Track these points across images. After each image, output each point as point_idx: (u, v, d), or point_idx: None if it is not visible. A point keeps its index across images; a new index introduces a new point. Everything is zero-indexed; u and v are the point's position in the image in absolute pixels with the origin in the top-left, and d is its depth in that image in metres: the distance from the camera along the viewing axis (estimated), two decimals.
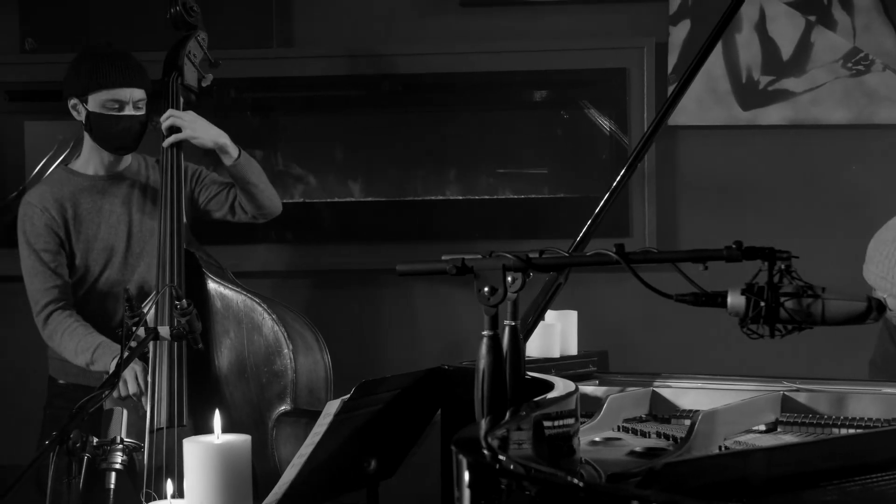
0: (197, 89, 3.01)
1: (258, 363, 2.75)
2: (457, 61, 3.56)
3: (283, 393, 2.73)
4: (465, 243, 3.54)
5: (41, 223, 2.88)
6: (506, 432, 1.36)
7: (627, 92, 3.50)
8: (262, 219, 3.04)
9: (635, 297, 3.42)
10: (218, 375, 2.78)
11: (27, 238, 2.89)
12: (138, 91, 2.88)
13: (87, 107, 2.86)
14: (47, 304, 2.86)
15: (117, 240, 2.93)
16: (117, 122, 2.86)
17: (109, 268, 2.93)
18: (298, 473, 1.85)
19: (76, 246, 2.91)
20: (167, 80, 2.96)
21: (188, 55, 2.98)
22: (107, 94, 2.85)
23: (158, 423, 2.69)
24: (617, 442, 1.96)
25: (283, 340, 2.74)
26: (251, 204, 2.97)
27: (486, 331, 1.61)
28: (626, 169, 2.35)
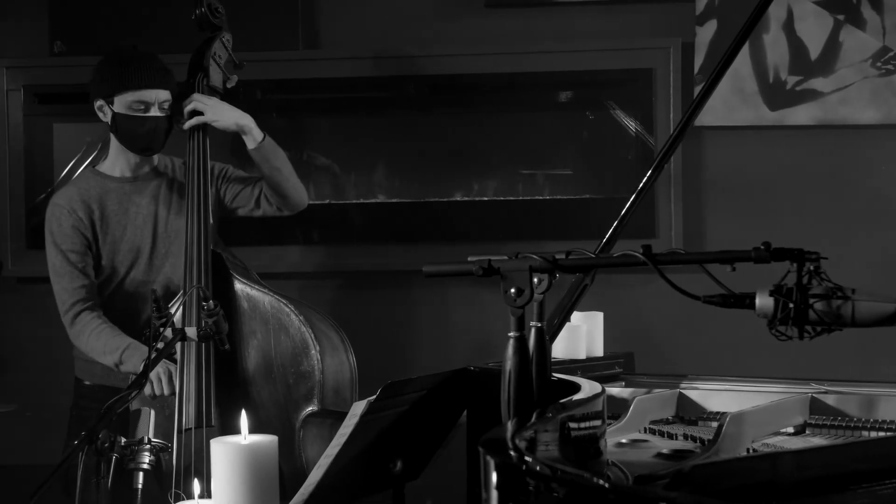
0: (222, 90, 3.01)
1: (285, 364, 2.76)
2: (482, 62, 3.56)
3: (310, 394, 2.73)
4: (490, 244, 3.53)
5: (68, 224, 2.90)
6: (533, 434, 1.36)
7: (653, 92, 3.48)
8: (289, 211, 3.03)
9: (662, 299, 3.41)
10: (245, 376, 2.78)
11: (54, 239, 2.91)
12: (164, 92, 2.89)
13: (113, 108, 2.88)
14: (74, 304, 2.88)
15: (143, 241, 2.95)
16: (143, 124, 2.88)
17: (135, 268, 2.94)
18: (324, 474, 1.86)
19: (102, 247, 2.93)
20: (192, 81, 2.97)
21: (213, 56, 2.98)
22: (133, 95, 2.86)
23: (186, 423, 2.70)
24: (644, 444, 1.96)
25: (310, 341, 2.74)
26: (276, 193, 2.96)
27: (513, 332, 1.61)
28: (653, 170, 2.34)
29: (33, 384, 3.65)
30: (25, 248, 3.67)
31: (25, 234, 3.68)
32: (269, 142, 2.92)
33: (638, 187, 2.35)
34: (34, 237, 3.65)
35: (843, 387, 2.15)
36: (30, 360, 3.72)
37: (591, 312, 2.61)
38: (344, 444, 1.84)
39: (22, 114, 3.68)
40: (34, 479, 1.96)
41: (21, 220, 3.69)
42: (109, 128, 2.93)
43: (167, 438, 2.71)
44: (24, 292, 3.72)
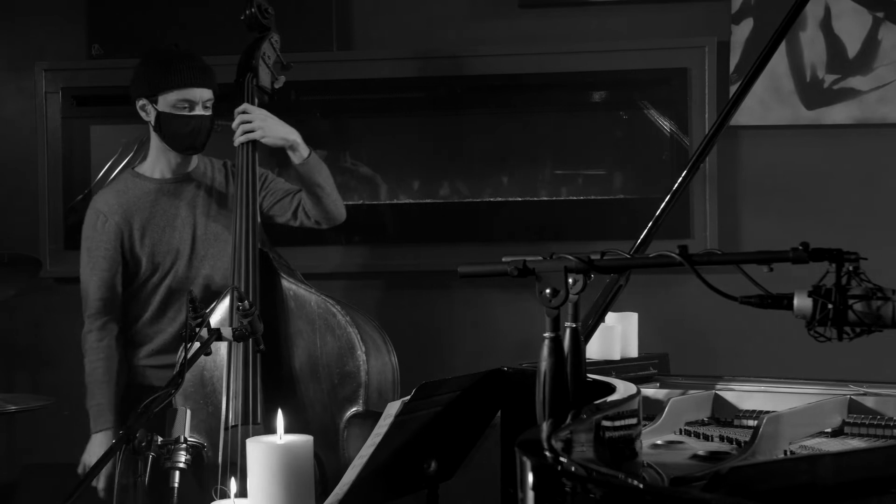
0: (270, 91, 3.01)
1: (330, 364, 2.77)
2: (515, 63, 3.55)
3: (354, 394, 2.74)
4: (523, 245, 3.52)
5: (103, 230, 2.92)
6: (569, 435, 1.35)
7: (688, 92, 3.46)
8: (326, 224, 3.04)
9: (696, 299, 3.40)
10: (291, 375, 2.79)
11: (87, 244, 2.94)
12: (207, 91, 2.90)
13: (157, 107, 2.89)
14: (89, 316, 2.93)
15: (182, 243, 2.96)
16: (188, 123, 2.89)
17: (175, 268, 2.96)
18: (359, 474, 1.86)
19: (141, 250, 2.94)
20: (241, 81, 2.96)
21: (262, 57, 2.98)
22: (178, 94, 2.87)
23: (232, 419, 2.71)
24: (679, 445, 1.94)
25: (356, 343, 2.75)
26: (316, 208, 2.97)
27: (548, 332, 1.60)
28: (688, 170, 2.33)
29: (71, 383, 3.68)
30: (63, 249, 3.71)
31: (63, 234, 3.72)
32: (314, 158, 2.93)
33: (673, 188, 2.34)
34: (71, 238, 3.69)
35: (881, 388, 2.12)
36: (69, 359, 3.75)
37: (625, 313, 2.60)
38: (378, 444, 1.85)
39: (60, 116, 3.72)
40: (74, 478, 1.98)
41: (59, 222, 3.73)
42: (153, 127, 2.94)
43: (212, 435, 2.74)
44: (61, 292, 3.75)
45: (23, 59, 3.77)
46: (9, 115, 3.83)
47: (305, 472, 1.87)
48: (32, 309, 3.72)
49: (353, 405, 2.74)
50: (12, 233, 3.76)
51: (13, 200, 3.80)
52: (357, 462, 1.88)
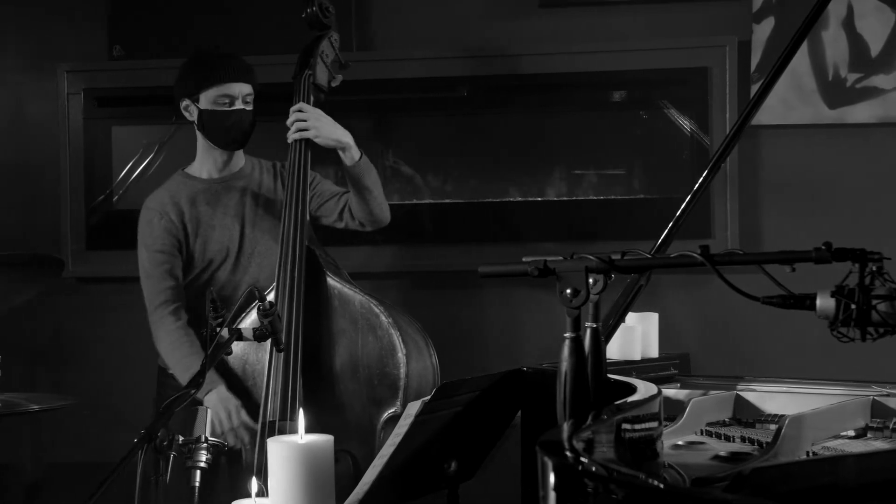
0: (327, 89, 3.02)
1: (370, 364, 2.77)
2: (535, 62, 3.55)
3: (393, 395, 2.74)
4: (544, 244, 3.52)
5: (160, 227, 2.96)
6: (590, 435, 1.35)
7: (709, 91, 3.44)
8: (371, 227, 3.06)
9: (717, 300, 3.38)
10: (332, 373, 2.80)
11: (145, 241, 2.98)
12: (246, 86, 2.95)
13: (199, 105, 2.95)
14: (160, 305, 2.93)
15: (231, 240, 3.00)
16: (228, 117, 2.94)
17: (224, 266, 2.99)
18: (379, 474, 1.86)
19: (194, 246, 2.98)
20: (299, 78, 2.98)
21: (321, 55, 3.00)
22: (217, 89, 2.92)
23: (271, 415, 2.73)
24: (700, 446, 1.94)
25: (397, 344, 2.75)
26: (363, 210, 2.99)
27: (569, 332, 1.60)
28: (709, 170, 2.32)
29: (95, 381, 3.71)
30: (85, 249, 3.73)
31: (85, 235, 3.74)
32: (364, 161, 2.95)
33: (693, 188, 2.33)
34: (93, 238, 3.72)
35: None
36: (92, 358, 3.78)
37: (646, 313, 2.59)
38: (398, 444, 1.85)
39: (82, 117, 3.74)
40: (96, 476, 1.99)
41: (81, 222, 3.75)
42: (196, 126, 2.99)
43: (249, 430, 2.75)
44: (84, 292, 3.78)
45: (45, 60, 3.79)
46: (32, 116, 3.85)
47: (326, 472, 1.87)
48: (54, 309, 3.74)
49: (391, 406, 2.74)
50: (35, 233, 3.79)
51: (36, 201, 3.83)
52: (377, 462, 1.88)
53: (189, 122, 3.02)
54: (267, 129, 3.04)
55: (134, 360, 3.08)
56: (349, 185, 2.98)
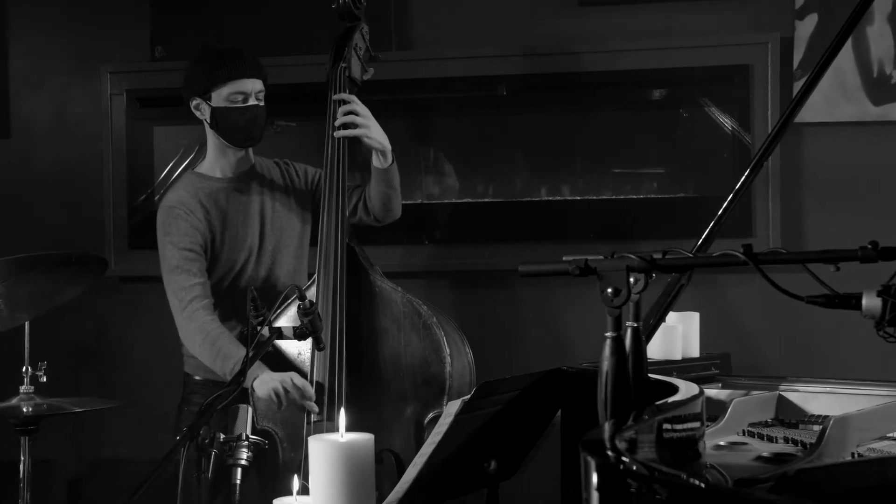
0: (360, 82, 3.00)
1: (414, 365, 2.76)
2: (575, 61, 3.53)
3: (438, 395, 2.74)
4: (582, 244, 3.51)
5: (186, 224, 2.91)
6: (633, 435, 1.34)
7: (750, 89, 3.41)
8: (384, 223, 3.05)
9: (759, 299, 3.36)
10: (373, 373, 2.79)
11: (171, 238, 2.90)
12: (258, 82, 2.92)
13: (211, 103, 2.91)
14: (191, 301, 2.86)
15: (252, 237, 2.98)
16: (243, 114, 2.91)
17: (247, 265, 2.98)
18: (419, 473, 1.87)
19: (218, 244, 2.95)
20: (334, 71, 2.95)
21: (354, 48, 2.97)
22: (231, 86, 2.88)
23: (315, 415, 2.72)
24: (743, 447, 1.92)
25: (442, 345, 2.75)
26: (384, 208, 2.99)
27: (610, 332, 1.59)
28: (751, 169, 2.29)
29: (136, 381, 3.75)
30: (127, 248, 3.77)
31: (127, 234, 3.78)
32: (395, 165, 2.95)
33: (735, 187, 2.31)
34: (136, 237, 3.76)
35: None
36: (134, 357, 3.82)
37: (687, 312, 2.58)
38: (439, 442, 1.85)
39: (125, 117, 3.78)
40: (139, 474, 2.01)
41: (123, 221, 3.79)
42: (208, 125, 2.95)
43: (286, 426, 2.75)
44: (126, 291, 3.82)
45: (88, 62, 3.84)
46: (76, 116, 3.90)
47: (366, 471, 1.88)
48: (97, 308, 3.79)
49: (437, 407, 2.73)
50: (78, 232, 3.84)
51: (79, 200, 3.88)
52: (417, 460, 1.88)
53: (199, 120, 2.97)
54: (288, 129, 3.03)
55: (174, 359, 3.10)
56: (375, 185, 2.96)
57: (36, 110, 3.93)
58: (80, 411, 3.02)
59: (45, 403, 2.91)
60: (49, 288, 2.89)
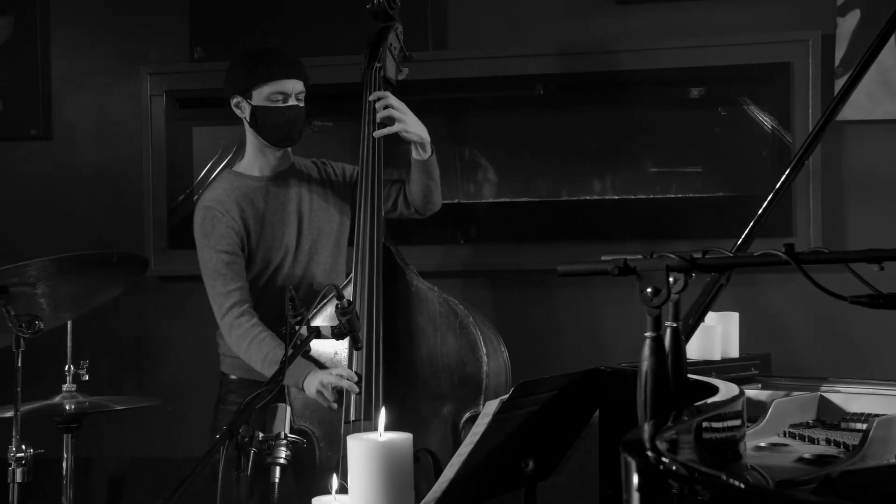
0: (395, 82, 3.01)
1: (450, 364, 2.76)
2: (612, 60, 3.52)
3: (475, 395, 2.73)
4: (619, 243, 3.49)
5: (222, 225, 2.92)
6: (674, 435, 1.33)
7: (791, 87, 3.37)
8: (425, 215, 3.06)
9: (799, 299, 3.32)
10: (409, 373, 2.79)
11: (208, 241, 2.93)
12: (299, 83, 2.94)
13: (252, 102, 2.93)
14: (231, 307, 2.88)
15: (289, 237, 2.99)
16: (283, 114, 2.93)
17: (284, 264, 2.99)
18: (457, 473, 1.86)
19: (254, 244, 2.97)
20: (369, 71, 2.95)
21: (389, 48, 2.98)
22: (271, 86, 2.91)
23: (353, 414, 2.73)
24: (783, 448, 1.90)
25: (478, 345, 2.74)
26: (424, 200, 2.99)
27: (649, 332, 1.58)
28: (792, 168, 2.27)
29: (176, 380, 3.78)
30: (167, 248, 3.81)
31: (167, 234, 3.81)
32: (434, 157, 2.95)
33: (776, 186, 2.29)
34: (175, 237, 3.79)
35: None
36: (173, 356, 3.85)
37: (726, 312, 2.56)
38: (476, 442, 1.85)
39: (164, 118, 3.82)
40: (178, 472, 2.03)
41: (163, 221, 3.82)
42: (248, 123, 2.98)
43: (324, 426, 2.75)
44: (166, 291, 3.86)
45: (128, 63, 3.88)
46: (116, 117, 3.94)
47: (405, 470, 1.88)
48: (137, 307, 3.82)
49: (473, 406, 2.73)
50: (118, 232, 3.88)
51: (120, 201, 3.92)
52: (455, 460, 1.88)
53: (237, 121, 3.00)
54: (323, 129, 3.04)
55: (212, 358, 3.13)
56: (415, 177, 2.96)
57: (77, 112, 3.97)
58: (120, 409, 3.06)
59: (87, 401, 2.94)
60: (91, 287, 2.92)
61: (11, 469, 2.68)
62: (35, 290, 2.74)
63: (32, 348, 2.67)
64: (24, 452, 2.68)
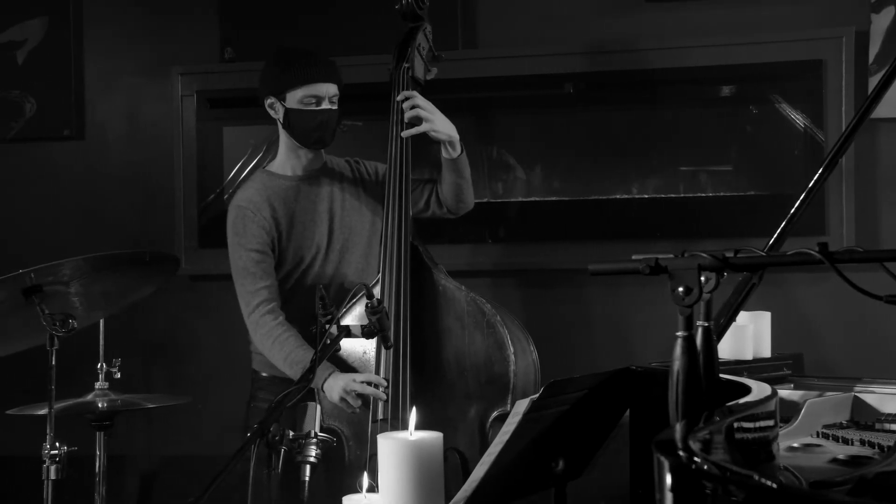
0: (423, 82, 3.01)
1: (477, 363, 2.76)
2: (642, 58, 3.50)
3: (502, 395, 2.73)
4: (650, 242, 3.48)
5: (253, 224, 2.94)
6: (707, 435, 1.32)
7: (824, 84, 3.34)
8: (458, 214, 3.06)
9: (832, 298, 3.29)
10: (436, 372, 2.79)
11: (239, 240, 2.95)
12: (333, 86, 2.96)
13: (285, 104, 2.95)
14: (258, 306, 2.90)
15: (320, 236, 3.00)
16: (315, 117, 2.94)
17: (314, 263, 3.00)
18: (487, 472, 1.86)
19: (285, 242, 2.98)
20: (397, 71, 2.96)
21: (417, 48, 2.98)
22: (305, 90, 2.92)
23: (381, 413, 2.74)
24: (817, 449, 1.89)
25: (506, 344, 2.74)
26: (456, 199, 2.99)
27: (681, 331, 1.57)
28: (825, 166, 2.25)
29: (207, 378, 3.80)
30: (198, 247, 3.83)
31: (197, 233, 3.83)
32: (464, 155, 2.95)
33: (809, 184, 2.26)
34: (206, 236, 3.81)
35: None
36: (204, 354, 3.87)
37: (758, 312, 2.54)
38: (507, 442, 1.84)
39: (195, 118, 3.84)
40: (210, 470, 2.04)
41: (193, 220, 3.85)
42: (281, 124, 3.00)
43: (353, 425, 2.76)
44: (197, 290, 3.88)
45: (159, 64, 3.90)
46: (148, 118, 3.97)
47: (435, 469, 1.88)
48: (168, 306, 3.85)
49: (500, 405, 2.73)
50: (149, 232, 3.90)
51: (151, 200, 3.94)
52: (485, 459, 1.88)
53: (272, 119, 3.02)
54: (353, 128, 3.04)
55: (242, 356, 3.14)
56: (446, 176, 2.97)
57: (109, 112, 4.00)
58: (152, 407, 3.08)
59: (119, 399, 2.97)
60: (123, 286, 2.95)
61: (46, 466, 2.70)
62: (68, 289, 2.77)
63: (66, 347, 2.70)
64: (58, 450, 2.71)
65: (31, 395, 2.96)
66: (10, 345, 2.89)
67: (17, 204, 4.02)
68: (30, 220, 4.00)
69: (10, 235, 3.97)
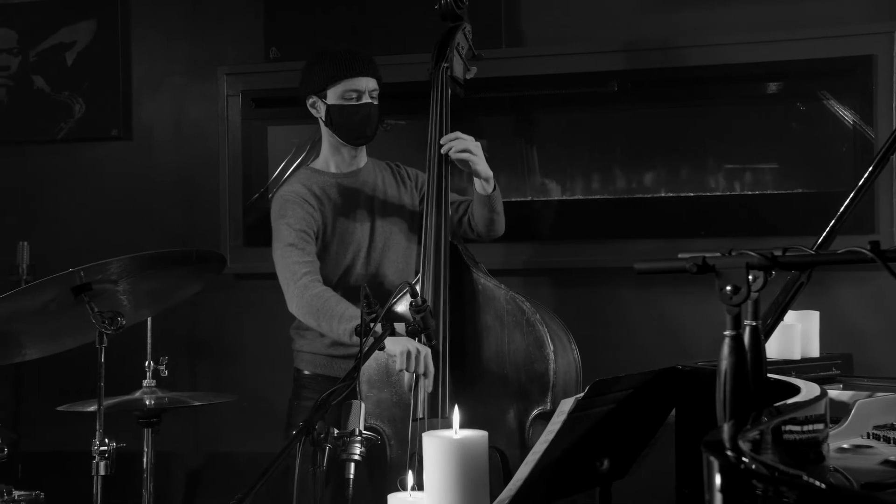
0: (462, 82, 3.02)
1: (517, 362, 2.76)
2: (687, 55, 3.48)
3: (542, 394, 2.72)
4: (692, 241, 3.45)
5: (299, 208, 2.95)
6: (756, 436, 1.31)
7: (874, 80, 3.30)
8: (488, 239, 3.07)
9: (882, 297, 3.25)
10: (477, 371, 2.79)
11: (285, 220, 2.93)
12: (372, 81, 2.98)
13: (327, 101, 2.98)
14: (306, 273, 2.86)
15: (361, 235, 3.02)
16: (357, 111, 2.97)
17: (355, 263, 3.01)
18: (531, 471, 1.86)
19: (328, 236, 3.00)
20: (436, 71, 2.96)
21: (456, 47, 2.99)
22: (346, 84, 2.95)
23: (420, 412, 2.74)
24: (867, 450, 1.86)
25: (546, 342, 2.73)
26: (487, 228, 3.01)
27: (729, 331, 1.55)
28: (876, 163, 2.22)
29: (251, 376, 3.83)
30: (243, 246, 3.86)
31: (242, 232, 3.87)
32: (498, 191, 2.96)
33: (858, 182, 2.23)
34: (251, 235, 3.84)
35: None
36: (248, 353, 3.90)
37: (806, 311, 2.51)
38: (551, 441, 1.84)
39: (240, 118, 3.87)
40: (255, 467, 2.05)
41: (238, 219, 3.88)
42: (323, 122, 3.02)
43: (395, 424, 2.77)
44: (242, 288, 3.91)
45: (205, 64, 3.94)
46: (194, 118, 4.01)
47: (480, 467, 1.88)
48: (214, 305, 3.88)
49: (540, 404, 2.72)
50: (195, 231, 3.94)
51: (197, 199, 3.98)
52: (530, 458, 1.87)
53: (315, 118, 3.03)
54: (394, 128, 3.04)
55: (286, 355, 3.16)
56: (478, 210, 2.98)
57: (156, 112, 4.05)
58: (198, 405, 3.11)
59: (166, 397, 3.00)
60: (170, 285, 2.98)
61: (95, 462, 2.74)
62: (117, 287, 2.80)
63: (114, 345, 2.73)
64: (107, 446, 2.74)
65: (81, 392, 3.00)
66: (61, 342, 2.93)
67: (65, 203, 4.08)
68: (78, 220, 4.06)
69: (60, 234, 4.03)
